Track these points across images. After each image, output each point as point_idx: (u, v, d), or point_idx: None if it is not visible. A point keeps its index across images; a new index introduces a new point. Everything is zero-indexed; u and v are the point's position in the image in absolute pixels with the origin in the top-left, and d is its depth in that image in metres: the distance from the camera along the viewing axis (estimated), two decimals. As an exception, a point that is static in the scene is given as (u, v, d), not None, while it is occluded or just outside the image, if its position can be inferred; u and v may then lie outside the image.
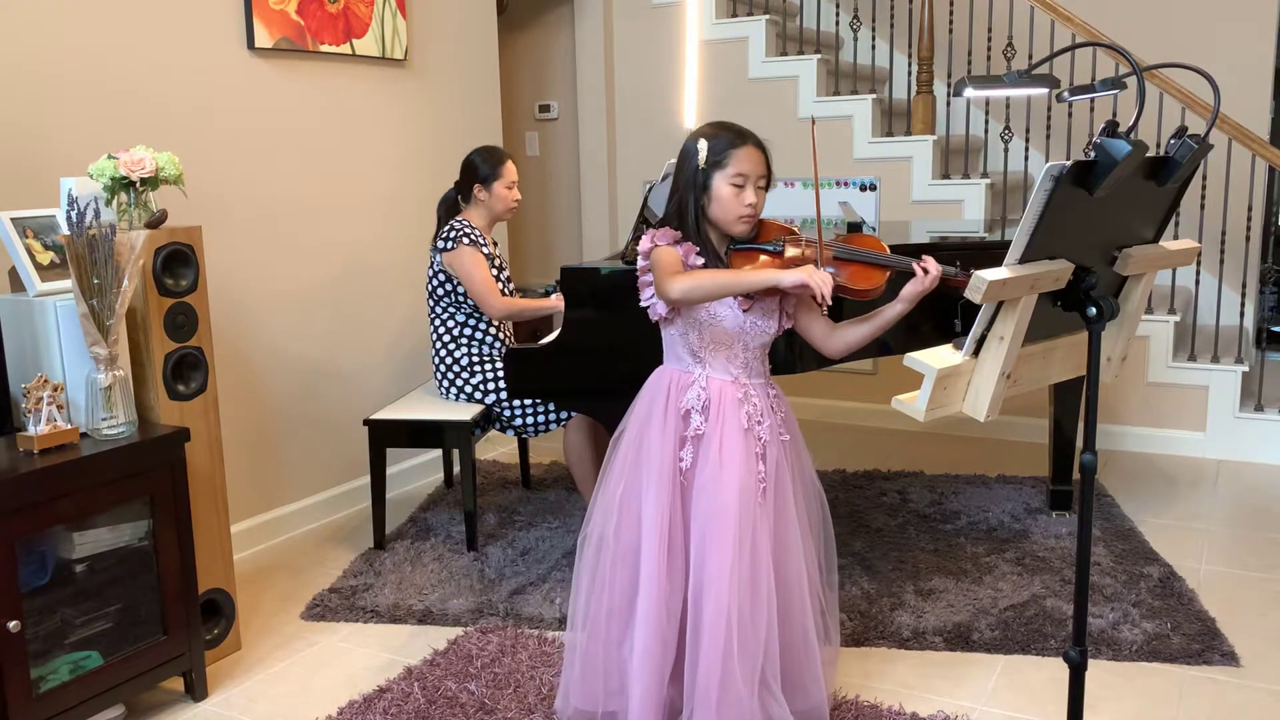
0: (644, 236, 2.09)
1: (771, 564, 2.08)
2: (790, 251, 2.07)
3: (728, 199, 2.04)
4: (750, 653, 2.04)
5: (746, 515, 2.04)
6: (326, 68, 3.67)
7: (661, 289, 2.01)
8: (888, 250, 2.09)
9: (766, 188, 2.09)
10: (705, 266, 2.04)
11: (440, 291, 3.39)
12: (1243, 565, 3.18)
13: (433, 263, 3.39)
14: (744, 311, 2.06)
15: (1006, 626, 2.76)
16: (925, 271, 1.98)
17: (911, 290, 1.99)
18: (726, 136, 2.05)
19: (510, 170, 3.41)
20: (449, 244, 3.31)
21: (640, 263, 2.08)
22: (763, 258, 2.09)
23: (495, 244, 3.50)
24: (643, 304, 2.09)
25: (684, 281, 1.96)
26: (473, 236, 3.32)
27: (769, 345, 2.16)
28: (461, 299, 3.37)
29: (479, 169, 3.40)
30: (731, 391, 2.09)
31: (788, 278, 1.93)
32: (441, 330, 3.43)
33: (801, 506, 2.18)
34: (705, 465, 2.06)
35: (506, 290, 3.45)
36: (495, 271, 3.39)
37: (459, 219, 3.37)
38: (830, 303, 1.94)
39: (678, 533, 2.08)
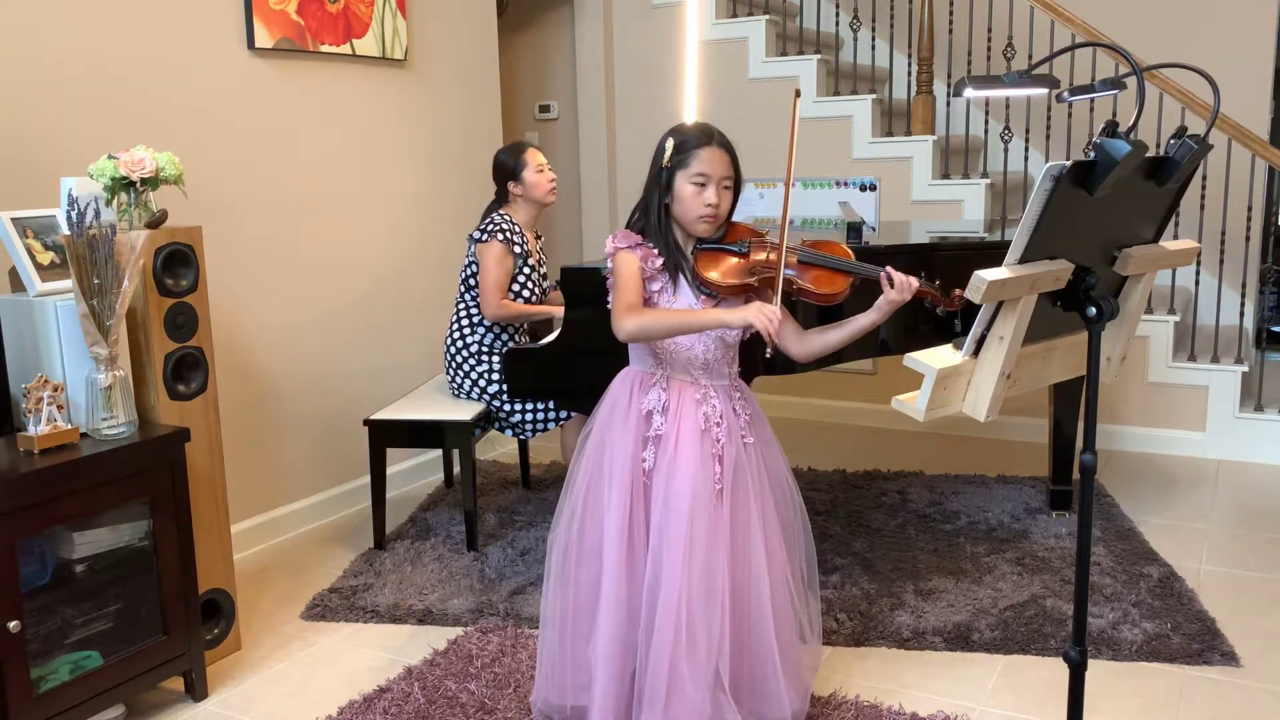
0: (608, 238, 2.13)
1: (727, 567, 2.07)
2: (756, 254, 2.10)
3: (689, 198, 2.06)
4: (701, 654, 2.03)
5: (699, 516, 2.05)
6: (326, 68, 3.67)
7: (615, 321, 2.05)
8: (853, 257, 2.12)
9: (735, 190, 2.11)
10: (665, 268, 2.08)
11: (474, 280, 3.43)
12: (1243, 565, 3.19)
13: (469, 250, 3.45)
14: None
15: (1006, 626, 2.76)
16: (891, 284, 2.00)
17: (885, 301, 2.01)
18: (692, 136, 2.08)
19: (533, 155, 3.45)
20: (484, 235, 3.36)
21: (606, 264, 2.12)
22: (728, 259, 2.11)
23: (539, 236, 3.56)
24: (610, 305, 2.11)
25: (634, 322, 2.02)
26: (509, 235, 3.36)
27: (734, 346, 2.17)
28: None
29: (505, 165, 3.45)
30: (690, 393, 2.11)
31: (735, 317, 1.96)
32: (463, 315, 3.46)
33: (770, 510, 2.16)
34: (662, 465, 2.08)
35: (539, 289, 3.48)
36: (528, 270, 3.42)
37: (500, 212, 3.42)
38: (777, 342, 1.96)
39: (639, 533, 2.09)
